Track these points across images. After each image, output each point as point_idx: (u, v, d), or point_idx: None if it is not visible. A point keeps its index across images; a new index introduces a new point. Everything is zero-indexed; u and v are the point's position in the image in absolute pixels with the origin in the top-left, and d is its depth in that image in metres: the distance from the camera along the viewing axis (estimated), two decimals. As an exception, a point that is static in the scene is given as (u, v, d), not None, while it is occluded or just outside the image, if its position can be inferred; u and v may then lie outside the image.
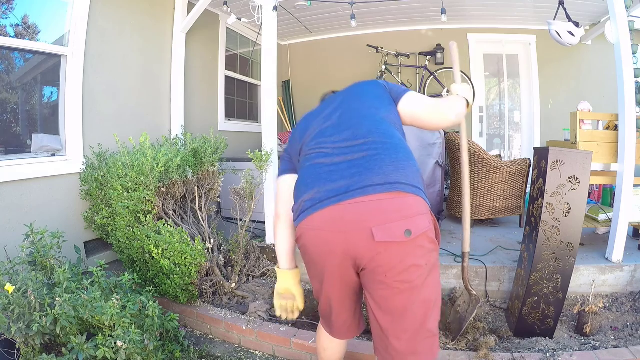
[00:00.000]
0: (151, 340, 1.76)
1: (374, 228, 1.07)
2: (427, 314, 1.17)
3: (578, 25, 3.33)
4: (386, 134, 1.26)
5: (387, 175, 1.12)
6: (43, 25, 2.63)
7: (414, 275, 1.11)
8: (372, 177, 1.11)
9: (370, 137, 1.23)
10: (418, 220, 1.10)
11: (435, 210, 3.04)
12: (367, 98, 1.41)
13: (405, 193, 1.11)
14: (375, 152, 1.19)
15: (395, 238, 1.06)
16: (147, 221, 2.36)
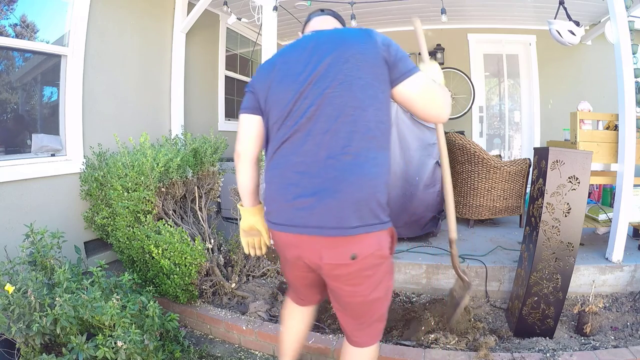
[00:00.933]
0: (151, 340, 1.76)
1: (323, 252, 1.16)
2: (376, 310, 1.29)
3: (579, 24, 3.33)
4: (362, 148, 1.13)
5: (344, 219, 1.10)
6: (43, 25, 2.63)
7: (363, 284, 1.21)
8: (329, 217, 1.11)
9: (341, 157, 1.12)
10: (365, 245, 1.15)
11: (435, 210, 3.04)
12: (360, 82, 1.13)
13: (359, 235, 1.13)
14: (340, 178, 1.11)
15: (341, 261, 1.15)
16: (147, 221, 2.36)
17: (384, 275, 1.24)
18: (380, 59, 1.15)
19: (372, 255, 1.16)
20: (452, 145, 3.48)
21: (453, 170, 3.69)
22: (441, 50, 5.16)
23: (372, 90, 1.14)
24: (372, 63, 1.14)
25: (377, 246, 1.17)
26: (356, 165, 1.11)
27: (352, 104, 1.13)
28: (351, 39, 1.18)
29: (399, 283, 2.69)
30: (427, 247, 2.95)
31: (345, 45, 1.17)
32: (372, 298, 1.24)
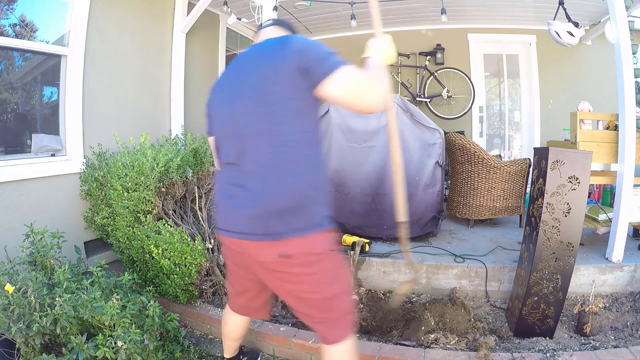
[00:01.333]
0: (151, 340, 1.76)
1: (259, 254, 1.26)
2: (335, 306, 1.34)
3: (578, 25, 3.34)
4: (282, 160, 1.20)
5: (271, 227, 1.20)
6: (43, 25, 2.63)
7: (303, 282, 1.29)
8: (258, 225, 1.21)
9: (253, 156, 1.22)
10: (295, 245, 1.22)
11: (435, 210, 3.04)
12: (275, 97, 1.18)
13: (284, 240, 1.20)
14: (253, 180, 1.22)
15: (272, 259, 1.24)
16: (147, 221, 2.36)
17: (329, 272, 1.30)
18: (294, 68, 1.15)
19: (302, 254, 1.23)
20: (452, 145, 3.48)
21: (453, 171, 3.69)
22: (441, 50, 5.16)
23: (291, 102, 1.18)
24: (286, 74, 1.16)
25: (309, 246, 1.23)
26: (276, 178, 1.19)
27: (269, 119, 1.19)
28: (266, 53, 1.23)
29: (399, 283, 2.69)
30: (427, 247, 2.95)
31: (260, 62, 1.23)
32: (327, 295, 1.31)
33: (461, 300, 2.45)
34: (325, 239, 1.27)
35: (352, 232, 3.04)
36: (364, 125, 3.04)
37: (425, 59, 5.15)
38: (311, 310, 1.36)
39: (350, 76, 1.13)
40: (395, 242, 3.10)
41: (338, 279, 1.34)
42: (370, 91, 1.14)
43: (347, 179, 3.09)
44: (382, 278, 2.72)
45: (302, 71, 1.15)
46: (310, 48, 1.18)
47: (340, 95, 1.15)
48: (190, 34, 3.79)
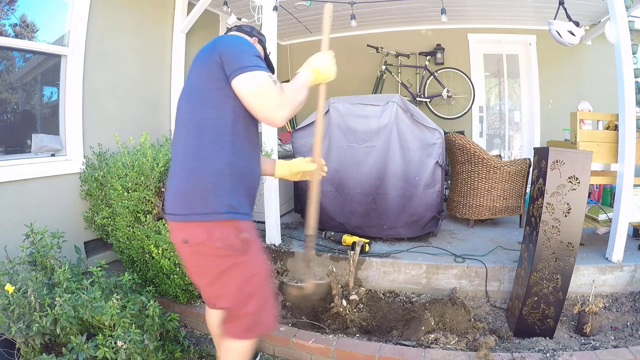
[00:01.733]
0: (151, 340, 1.76)
1: (172, 233, 1.37)
2: (227, 298, 1.37)
3: (578, 24, 3.33)
4: (191, 136, 1.29)
5: (175, 207, 1.31)
6: (43, 25, 2.63)
7: (204, 268, 1.35)
8: (171, 204, 1.33)
9: (177, 145, 1.34)
10: (194, 233, 1.28)
11: (436, 210, 3.04)
12: (191, 85, 1.33)
13: (188, 222, 1.28)
14: (175, 166, 1.35)
15: (177, 242, 1.34)
16: (147, 221, 2.36)
17: (230, 269, 1.31)
18: (214, 61, 1.24)
19: (202, 244, 1.27)
20: (452, 145, 3.48)
21: (453, 171, 3.69)
22: (441, 50, 5.15)
23: (206, 92, 1.28)
24: (206, 66, 1.27)
25: (206, 236, 1.26)
26: (183, 162, 1.30)
27: (189, 109, 1.31)
28: (200, 53, 1.34)
29: (399, 283, 2.69)
30: (427, 247, 2.95)
31: (195, 60, 1.35)
32: (220, 292, 1.37)
33: (461, 300, 2.45)
34: (228, 230, 1.28)
35: (352, 232, 3.04)
36: (364, 125, 3.04)
37: (425, 59, 5.15)
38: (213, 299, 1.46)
39: (261, 82, 1.20)
40: (396, 242, 3.10)
41: (239, 281, 1.33)
42: (271, 104, 1.22)
43: (347, 179, 3.09)
44: (382, 278, 2.72)
45: (219, 64, 1.23)
46: (231, 44, 1.27)
47: (245, 95, 1.22)
48: (190, 34, 3.79)
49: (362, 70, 5.44)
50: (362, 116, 3.06)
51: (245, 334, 1.41)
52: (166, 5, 3.62)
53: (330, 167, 3.13)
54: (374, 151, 3.01)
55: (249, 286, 1.35)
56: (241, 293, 1.35)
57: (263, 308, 1.39)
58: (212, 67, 1.25)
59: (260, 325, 1.41)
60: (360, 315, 2.37)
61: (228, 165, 1.28)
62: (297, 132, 3.32)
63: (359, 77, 5.47)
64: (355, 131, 3.06)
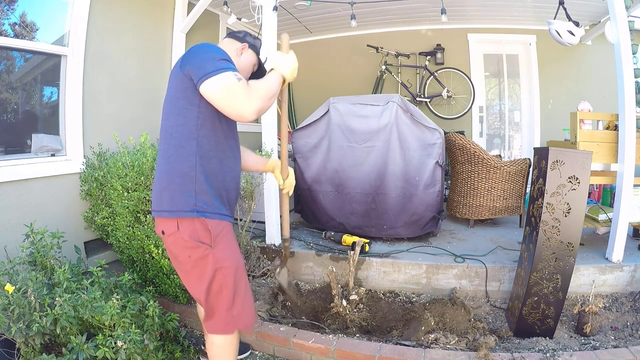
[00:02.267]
0: (151, 340, 1.76)
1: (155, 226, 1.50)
2: (199, 290, 1.46)
3: (578, 24, 3.33)
4: (163, 142, 1.43)
5: (155, 201, 1.44)
6: (43, 25, 2.63)
7: (179, 260, 1.47)
8: (152, 200, 1.47)
9: (159, 148, 1.46)
10: (167, 226, 1.41)
11: (435, 210, 3.04)
12: (168, 97, 1.44)
13: (160, 218, 1.43)
14: (157, 166, 1.47)
15: (160, 235, 1.46)
16: (147, 221, 2.36)
17: (199, 260, 1.41)
18: (180, 74, 1.36)
19: (173, 235, 1.40)
20: (452, 145, 3.48)
21: (453, 171, 3.69)
22: (441, 50, 5.16)
23: (175, 101, 1.39)
24: (176, 78, 1.39)
25: (175, 229, 1.38)
26: (158, 164, 1.45)
27: (163, 116, 1.44)
28: (176, 63, 1.44)
29: (399, 283, 2.69)
30: (427, 247, 2.95)
31: (171, 72, 1.47)
32: (190, 285, 1.50)
33: (461, 300, 2.45)
34: (194, 226, 1.38)
35: (352, 232, 3.04)
36: (364, 125, 3.04)
37: (425, 59, 5.15)
38: (192, 292, 1.52)
39: (224, 83, 1.26)
40: (396, 242, 3.10)
41: (208, 274, 1.42)
42: (239, 101, 1.26)
43: (347, 179, 3.09)
44: (382, 278, 2.72)
45: (186, 73, 1.33)
46: (196, 54, 1.35)
47: (213, 98, 1.29)
48: (190, 34, 3.79)
49: (362, 70, 5.43)
50: (362, 116, 3.06)
51: (223, 329, 1.49)
52: (166, 5, 3.62)
53: (330, 167, 3.13)
54: (374, 151, 3.01)
55: (216, 279, 1.42)
56: (209, 286, 1.43)
57: (235, 302, 1.46)
58: (179, 78, 1.36)
59: (237, 320, 1.48)
60: (360, 315, 2.37)
61: (192, 169, 1.37)
62: (297, 132, 3.32)
63: (359, 77, 5.47)
64: (355, 131, 3.06)
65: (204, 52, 1.34)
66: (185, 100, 1.36)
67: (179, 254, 1.45)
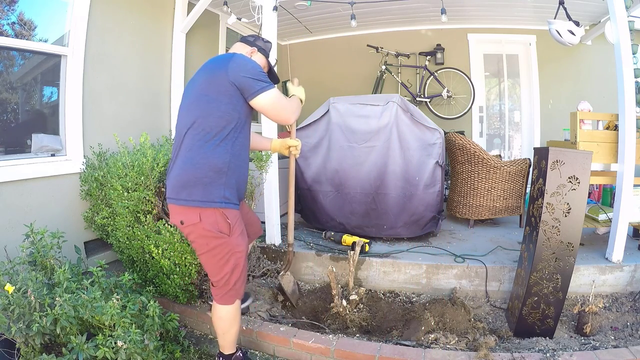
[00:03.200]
0: (151, 340, 1.76)
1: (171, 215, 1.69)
2: (213, 271, 1.71)
3: (578, 24, 3.33)
4: (198, 137, 1.58)
5: (173, 190, 1.61)
6: (43, 25, 2.63)
7: (196, 245, 1.68)
8: (171, 189, 1.62)
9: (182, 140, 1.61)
10: (188, 215, 1.60)
11: (435, 210, 3.04)
12: (201, 92, 1.60)
13: (181, 207, 1.60)
14: (177, 157, 1.62)
15: (176, 224, 1.65)
16: (147, 221, 2.36)
17: (217, 247, 1.63)
18: (229, 79, 1.55)
19: (195, 225, 1.59)
20: (452, 145, 3.48)
21: (453, 171, 3.69)
22: (441, 50, 5.15)
23: (217, 104, 1.56)
24: (219, 85, 1.56)
25: (198, 219, 1.57)
26: (187, 157, 1.58)
27: (198, 113, 1.58)
28: (214, 64, 1.63)
29: (399, 283, 2.69)
30: (427, 247, 2.95)
31: (206, 70, 1.65)
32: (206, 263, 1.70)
33: (461, 300, 2.45)
34: (216, 216, 1.59)
35: (352, 232, 3.04)
36: (364, 125, 3.04)
37: (425, 59, 5.15)
38: (209, 269, 1.73)
39: (276, 95, 1.63)
40: (396, 242, 3.10)
41: (224, 256, 1.66)
42: (286, 112, 1.70)
43: (347, 179, 3.09)
44: (382, 278, 2.72)
45: (235, 84, 1.56)
46: (244, 68, 1.58)
47: (265, 108, 1.63)
48: (190, 34, 3.79)
49: (362, 70, 5.43)
50: (362, 116, 3.06)
51: (226, 300, 1.75)
52: (166, 5, 3.62)
53: (330, 167, 3.13)
54: (374, 151, 3.01)
55: (230, 262, 1.67)
56: (224, 266, 1.67)
57: (240, 278, 1.75)
58: (225, 85, 1.56)
59: (237, 292, 1.77)
60: (360, 315, 2.37)
61: (225, 165, 1.60)
62: (297, 132, 3.32)
63: (359, 77, 5.47)
64: (355, 131, 3.06)
65: (251, 68, 1.60)
66: (230, 106, 1.58)
67: (196, 241, 1.66)
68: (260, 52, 1.84)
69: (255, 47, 1.83)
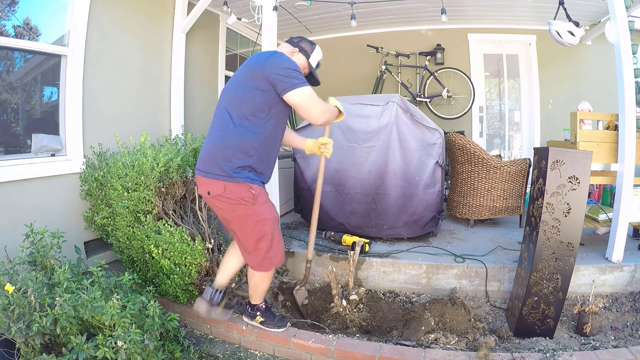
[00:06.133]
0: (151, 340, 1.76)
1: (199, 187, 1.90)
2: (243, 239, 1.91)
3: (578, 25, 3.33)
4: (234, 122, 1.78)
5: (203, 163, 1.84)
6: (43, 25, 2.63)
7: (223, 213, 1.88)
8: (203, 163, 1.85)
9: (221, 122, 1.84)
10: (214, 186, 1.80)
11: (435, 210, 3.04)
12: (242, 88, 1.80)
13: (208, 179, 1.81)
14: (214, 136, 1.85)
15: (204, 194, 1.87)
16: (147, 221, 2.36)
17: (244, 215, 1.83)
18: (265, 75, 1.74)
19: (219, 195, 1.79)
20: (452, 145, 3.48)
21: (453, 171, 3.69)
22: (441, 50, 5.16)
23: (254, 97, 1.77)
24: (256, 78, 1.77)
25: (222, 190, 1.77)
26: (222, 137, 1.80)
27: (234, 99, 1.82)
28: (256, 60, 1.83)
29: (399, 283, 2.69)
30: (427, 247, 2.95)
31: (247, 64, 1.87)
32: (239, 229, 1.88)
33: (461, 300, 2.45)
34: (240, 188, 1.77)
35: (352, 232, 3.04)
36: (364, 125, 3.04)
37: (425, 59, 5.15)
38: (240, 237, 1.92)
39: (307, 93, 1.78)
40: (396, 242, 3.10)
41: (247, 220, 1.84)
42: (316, 111, 1.82)
43: (347, 179, 3.09)
44: (382, 278, 2.72)
45: (269, 80, 1.74)
46: (279, 67, 1.75)
47: (296, 103, 1.77)
48: (190, 34, 3.79)
49: (362, 70, 5.43)
50: (362, 116, 3.05)
51: (262, 267, 1.95)
52: (166, 5, 3.62)
53: (330, 167, 3.13)
54: (374, 151, 3.01)
55: (257, 229, 1.85)
56: (251, 234, 1.86)
57: (272, 247, 1.90)
58: (260, 80, 1.74)
59: (272, 260, 1.93)
60: (360, 315, 2.37)
61: (253, 149, 1.79)
62: (297, 132, 3.32)
63: (359, 77, 5.47)
64: (355, 131, 3.06)
65: (285, 66, 1.76)
66: (262, 99, 1.76)
67: (222, 207, 1.84)
68: (301, 52, 2.01)
69: (298, 47, 2.01)
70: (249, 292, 2.13)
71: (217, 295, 2.09)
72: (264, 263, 1.93)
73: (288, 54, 1.96)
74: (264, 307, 2.15)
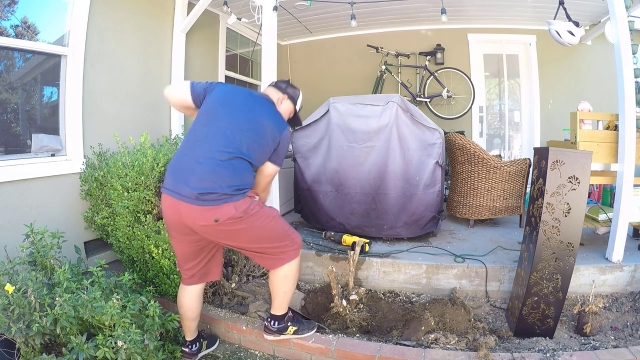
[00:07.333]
0: (151, 340, 1.76)
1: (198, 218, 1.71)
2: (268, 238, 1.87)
3: (578, 25, 3.33)
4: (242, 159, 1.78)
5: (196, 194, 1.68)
6: (43, 25, 2.63)
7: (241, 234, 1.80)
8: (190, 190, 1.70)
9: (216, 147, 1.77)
10: (221, 212, 1.69)
11: (435, 210, 3.04)
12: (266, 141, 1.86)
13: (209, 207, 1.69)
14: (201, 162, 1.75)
15: (205, 224, 1.71)
16: (147, 221, 2.36)
17: (253, 225, 1.78)
18: (275, 142, 1.89)
19: (229, 219, 1.70)
20: (452, 145, 3.48)
21: (453, 171, 3.69)
22: (441, 50, 5.16)
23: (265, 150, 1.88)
24: (270, 139, 1.87)
25: (232, 212, 1.70)
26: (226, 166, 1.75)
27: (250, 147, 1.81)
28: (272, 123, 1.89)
29: (399, 283, 2.69)
30: (427, 247, 2.95)
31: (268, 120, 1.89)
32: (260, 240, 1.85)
33: (461, 300, 2.45)
34: (249, 203, 1.76)
35: (352, 232, 3.04)
36: (364, 125, 3.04)
37: (425, 59, 5.15)
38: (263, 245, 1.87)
39: (273, 174, 1.98)
40: (396, 242, 3.10)
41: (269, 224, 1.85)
42: (268, 184, 2.03)
43: (347, 179, 3.09)
44: (382, 278, 2.72)
45: (274, 147, 1.89)
46: (284, 149, 1.95)
47: (268, 173, 1.96)
48: (190, 34, 3.79)
49: (362, 70, 5.43)
50: (362, 116, 3.05)
51: (292, 255, 1.91)
52: (166, 5, 3.62)
53: (330, 167, 3.13)
54: (374, 151, 3.01)
55: (274, 226, 1.87)
56: (275, 230, 1.87)
57: (288, 233, 1.93)
58: (270, 144, 1.87)
59: (295, 242, 1.94)
60: (360, 315, 2.37)
61: (249, 185, 1.82)
62: (297, 132, 3.32)
63: (359, 77, 5.47)
64: (355, 131, 3.06)
65: (286, 149, 1.97)
66: (265, 156, 1.89)
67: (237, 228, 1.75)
68: (289, 99, 2.02)
69: (286, 94, 2.02)
70: (272, 304, 2.00)
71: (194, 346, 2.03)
72: (292, 249, 1.91)
73: (278, 100, 1.99)
74: (291, 314, 2.06)
